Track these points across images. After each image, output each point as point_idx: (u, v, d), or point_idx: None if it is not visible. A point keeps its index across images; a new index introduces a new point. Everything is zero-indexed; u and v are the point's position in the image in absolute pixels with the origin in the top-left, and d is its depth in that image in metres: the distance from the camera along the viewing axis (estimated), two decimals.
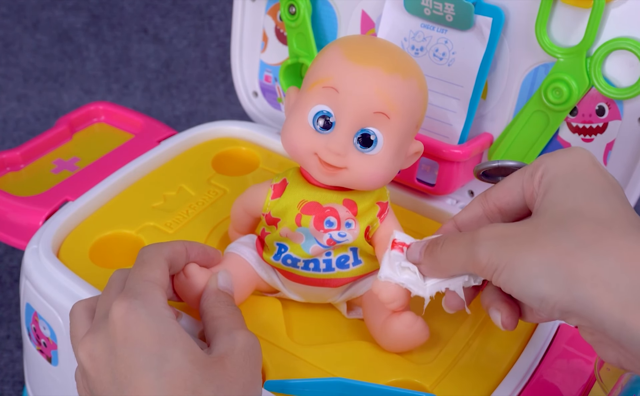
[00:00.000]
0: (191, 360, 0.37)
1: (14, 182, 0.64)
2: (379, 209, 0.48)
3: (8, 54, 1.14)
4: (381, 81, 0.45)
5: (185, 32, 1.17)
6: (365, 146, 0.45)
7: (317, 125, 0.45)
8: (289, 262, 0.48)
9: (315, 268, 0.48)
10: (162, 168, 0.65)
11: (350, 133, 0.45)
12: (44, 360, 0.55)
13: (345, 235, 0.47)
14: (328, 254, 0.48)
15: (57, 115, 1.10)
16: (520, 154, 0.58)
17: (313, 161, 0.46)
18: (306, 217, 0.47)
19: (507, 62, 0.57)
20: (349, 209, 0.47)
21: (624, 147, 0.54)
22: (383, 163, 0.46)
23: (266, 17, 0.69)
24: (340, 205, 0.47)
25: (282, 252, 0.48)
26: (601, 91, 0.53)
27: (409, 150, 0.48)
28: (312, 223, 0.46)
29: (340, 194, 0.47)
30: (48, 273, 0.52)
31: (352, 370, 0.46)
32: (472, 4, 0.55)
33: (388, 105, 0.45)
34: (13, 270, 0.84)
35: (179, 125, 1.10)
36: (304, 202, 0.47)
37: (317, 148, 0.45)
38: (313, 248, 0.47)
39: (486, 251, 0.38)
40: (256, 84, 0.73)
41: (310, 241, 0.47)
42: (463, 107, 0.58)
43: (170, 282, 0.46)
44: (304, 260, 0.48)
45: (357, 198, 0.47)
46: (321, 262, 0.48)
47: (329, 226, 0.47)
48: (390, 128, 0.45)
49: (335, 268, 0.48)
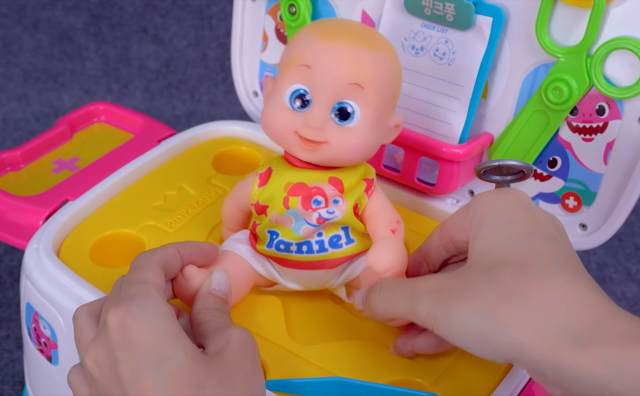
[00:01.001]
0: (192, 357, 0.37)
1: (14, 182, 0.64)
2: (365, 185, 0.49)
3: (8, 54, 1.14)
4: (353, 53, 0.46)
5: (185, 32, 1.17)
6: (343, 119, 0.46)
7: (294, 105, 0.47)
8: (281, 247, 0.48)
9: (308, 251, 0.48)
10: (162, 168, 0.65)
11: (327, 107, 0.46)
12: (44, 360, 0.55)
13: (333, 212, 0.47)
14: (320, 235, 0.48)
15: (57, 115, 1.10)
16: (520, 154, 0.58)
17: (294, 140, 0.47)
18: (293, 198, 0.47)
19: (508, 62, 0.57)
20: (335, 187, 0.48)
21: (624, 146, 0.54)
22: (362, 135, 0.47)
23: (266, 17, 0.69)
24: (326, 183, 0.48)
25: (274, 239, 0.48)
26: (601, 91, 0.53)
27: (388, 123, 0.49)
28: (300, 204, 0.47)
29: (325, 173, 0.48)
30: (48, 273, 0.52)
31: (352, 369, 0.46)
32: (472, 3, 0.55)
33: (361, 76, 0.46)
34: (13, 270, 0.84)
35: (179, 125, 1.10)
36: (289, 184, 0.48)
37: (296, 126, 0.46)
38: (304, 229, 0.47)
39: (424, 305, 0.40)
40: (256, 83, 0.73)
41: (300, 222, 0.48)
42: (463, 107, 0.58)
43: (171, 286, 0.46)
44: (296, 243, 0.48)
45: (342, 175, 0.48)
46: (314, 243, 0.48)
47: (317, 205, 0.47)
48: (365, 99, 0.46)
49: (328, 248, 0.48)
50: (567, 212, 0.59)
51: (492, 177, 0.52)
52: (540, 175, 0.59)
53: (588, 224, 0.58)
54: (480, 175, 0.51)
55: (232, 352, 0.39)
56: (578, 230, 0.58)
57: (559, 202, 0.59)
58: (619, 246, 0.93)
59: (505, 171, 0.51)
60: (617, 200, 0.55)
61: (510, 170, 0.51)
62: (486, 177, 0.52)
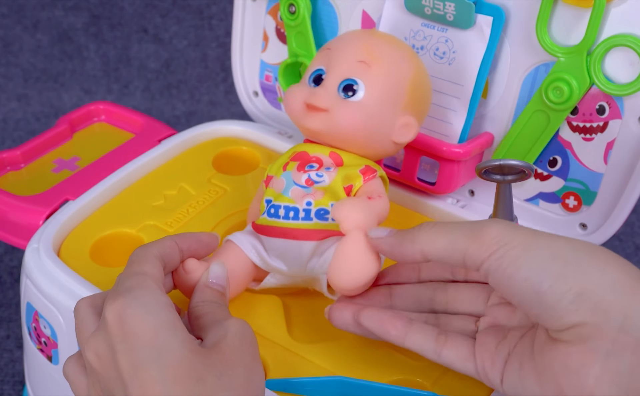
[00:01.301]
0: (190, 349, 0.37)
1: (14, 182, 0.64)
2: (364, 167, 0.49)
3: (8, 54, 1.14)
4: (369, 38, 0.50)
5: (185, 32, 1.17)
6: (348, 94, 0.48)
7: (311, 83, 0.50)
8: (272, 212, 0.48)
9: (294, 217, 0.48)
10: (163, 168, 0.65)
11: (335, 82, 0.48)
12: (45, 359, 0.55)
13: (322, 176, 0.48)
14: (308, 204, 0.48)
15: (57, 115, 1.10)
16: (520, 153, 0.58)
17: (302, 110, 0.48)
18: (292, 163, 0.49)
19: (508, 61, 0.57)
20: (334, 160, 0.49)
21: (624, 146, 0.54)
22: (362, 110, 0.48)
23: (267, 16, 0.69)
24: (327, 155, 0.49)
25: (268, 205, 0.49)
26: (601, 88, 0.53)
27: (397, 120, 0.49)
28: (296, 167, 0.49)
29: (329, 148, 0.49)
30: (49, 272, 0.52)
31: (352, 369, 0.46)
32: (472, 3, 0.55)
33: (369, 54, 0.48)
34: (13, 269, 0.84)
35: (179, 125, 1.10)
36: (294, 153, 0.50)
37: (306, 97, 0.48)
38: (292, 190, 0.48)
39: (497, 225, 0.38)
40: (257, 83, 0.73)
41: (290, 184, 0.48)
42: (463, 106, 0.58)
43: (171, 278, 0.46)
44: (284, 207, 0.48)
45: (344, 154, 0.49)
46: (300, 210, 0.48)
47: (309, 168, 0.48)
48: (371, 77, 0.48)
49: (313, 218, 0.48)
50: (567, 211, 0.59)
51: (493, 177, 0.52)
52: (541, 175, 0.59)
53: (588, 224, 0.58)
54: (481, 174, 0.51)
55: (230, 343, 0.39)
56: (578, 229, 0.58)
57: (559, 202, 0.59)
58: (619, 246, 0.93)
59: (506, 171, 0.51)
60: (617, 200, 0.55)
61: (511, 169, 0.51)
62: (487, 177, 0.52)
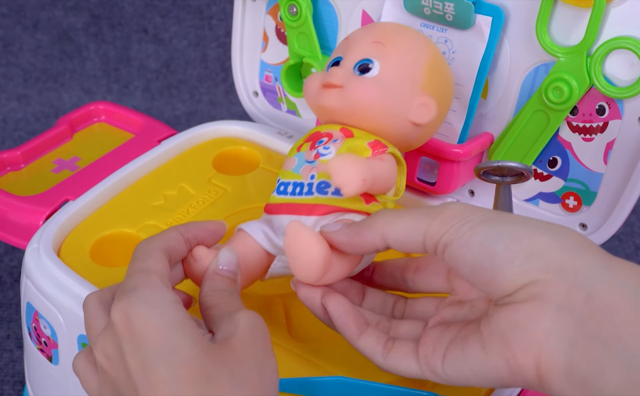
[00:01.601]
0: (200, 347, 0.36)
1: (14, 182, 0.64)
2: (373, 141, 0.47)
3: (8, 54, 1.14)
4: (386, 25, 0.51)
5: (185, 32, 1.17)
6: (363, 72, 0.48)
7: (328, 68, 0.50)
8: (281, 189, 0.48)
9: (299, 192, 0.47)
10: (163, 168, 0.65)
11: (351, 64, 0.49)
12: (45, 359, 0.55)
13: (328, 148, 0.47)
14: (312, 177, 0.47)
15: (57, 115, 1.10)
16: (520, 153, 0.58)
17: (319, 90, 0.49)
18: (306, 144, 0.49)
19: (508, 62, 0.57)
20: (344, 134, 0.48)
21: (624, 146, 0.54)
22: (376, 86, 0.47)
23: (267, 17, 0.69)
24: (337, 130, 0.48)
25: (278, 183, 0.48)
26: (601, 90, 0.53)
27: (415, 99, 0.48)
28: (309, 147, 0.48)
29: (342, 125, 0.49)
30: (49, 272, 0.52)
31: (352, 369, 0.46)
32: (472, 3, 0.55)
33: (384, 36, 0.49)
34: (13, 270, 0.84)
35: (179, 125, 1.10)
36: (309, 135, 0.50)
37: (322, 78, 0.49)
38: (303, 168, 0.47)
39: (458, 207, 0.38)
40: (257, 83, 0.73)
41: (302, 162, 0.48)
42: (463, 106, 0.58)
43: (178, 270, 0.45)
44: (292, 183, 0.47)
45: (356, 130, 0.48)
46: (305, 185, 0.47)
47: (319, 143, 0.48)
48: (386, 55, 0.48)
49: (314, 192, 0.46)
50: (567, 211, 0.59)
51: (492, 178, 0.52)
52: (541, 175, 0.59)
53: (588, 224, 0.58)
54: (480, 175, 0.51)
55: (240, 339, 0.37)
56: (578, 229, 0.58)
57: (559, 202, 0.59)
58: (619, 246, 0.93)
59: (505, 172, 0.51)
60: (617, 200, 0.55)
61: (510, 171, 0.51)
62: (486, 178, 0.52)
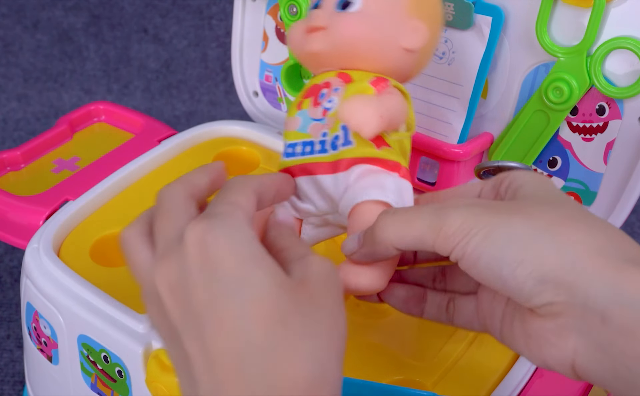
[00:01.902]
0: (276, 282, 0.33)
1: (14, 182, 0.64)
2: (374, 78, 0.45)
3: (8, 54, 1.14)
4: None
5: (185, 32, 1.17)
6: (345, 8, 0.45)
7: None
8: (289, 151, 0.46)
9: (310, 151, 0.45)
10: (163, 168, 0.65)
11: (331, 3, 0.46)
12: (45, 359, 0.55)
13: (332, 100, 0.45)
14: (324, 135, 0.45)
15: (57, 115, 1.10)
16: (520, 154, 0.58)
17: (303, 36, 0.46)
18: (306, 100, 0.46)
19: (508, 62, 0.57)
20: (342, 79, 0.46)
21: (624, 146, 0.54)
22: (362, 18, 0.45)
23: (266, 17, 0.69)
24: (335, 77, 0.46)
25: (286, 145, 0.46)
26: (601, 90, 0.53)
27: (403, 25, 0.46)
28: (312, 103, 0.46)
29: (338, 70, 0.46)
30: (49, 272, 0.52)
31: (352, 369, 0.46)
32: (471, 3, 0.55)
33: None
34: (13, 270, 0.84)
35: (179, 125, 1.10)
36: (305, 90, 0.47)
37: (304, 23, 0.46)
38: (311, 126, 0.45)
39: (459, 216, 0.35)
40: (257, 83, 0.73)
41: (307, 121, 0.46)
42: (463, 106, 0.58)
43: None
44: (301, 143, 0.45)
45: (353, 72, 0.46)
46: (316, 143, 0.45)
47: (322, 98, 0.45)
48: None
49: (328, 149, 0.45)
50: None
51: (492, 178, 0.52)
52: None
53: None
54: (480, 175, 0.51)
55: (315, 283, 0.34)
56: None
57: None
58: None
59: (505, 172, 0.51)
60: (617, 200, 0.55)
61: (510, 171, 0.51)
62: (486, 178, 0.52)
